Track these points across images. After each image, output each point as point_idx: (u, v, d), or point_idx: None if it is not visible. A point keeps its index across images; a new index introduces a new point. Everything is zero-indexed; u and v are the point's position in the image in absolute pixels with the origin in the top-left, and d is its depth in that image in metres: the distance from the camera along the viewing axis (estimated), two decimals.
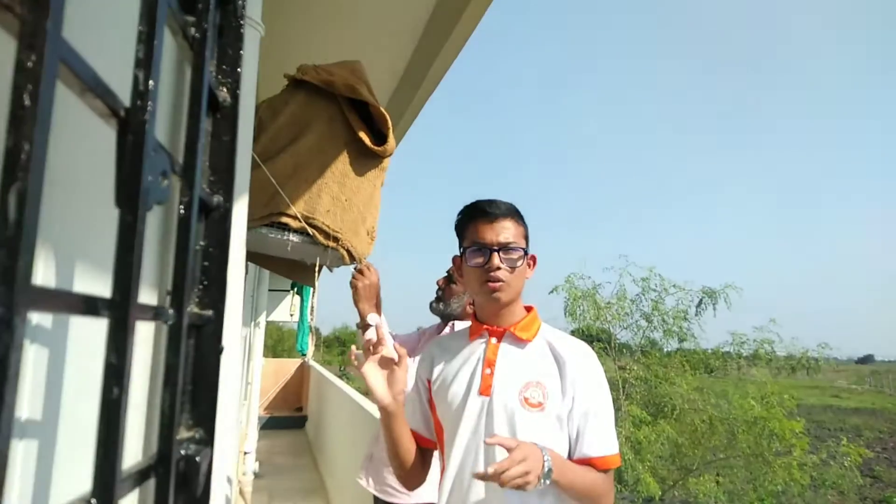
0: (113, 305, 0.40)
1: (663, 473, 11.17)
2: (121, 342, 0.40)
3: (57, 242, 0.49)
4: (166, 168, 0.45)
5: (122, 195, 0.40)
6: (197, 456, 0.58)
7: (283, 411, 10.54)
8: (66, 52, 0.31)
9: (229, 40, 0.68)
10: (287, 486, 6.28)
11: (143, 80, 0.42)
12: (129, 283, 0.40)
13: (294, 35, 2.88)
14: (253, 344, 6.55)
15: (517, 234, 1.55)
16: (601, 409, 1.47)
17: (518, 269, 1.53)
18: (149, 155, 0.41)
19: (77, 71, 0.33)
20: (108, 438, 0.39)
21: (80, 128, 0.50)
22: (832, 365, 16.06)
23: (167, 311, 0.51)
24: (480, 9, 2.41)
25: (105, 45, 0.52)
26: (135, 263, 0.40)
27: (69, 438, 0.52)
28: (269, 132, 1.98)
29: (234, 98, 0.67)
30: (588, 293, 12.64)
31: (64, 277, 0.51)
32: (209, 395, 0.62)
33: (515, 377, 1.50)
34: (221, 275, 0.64)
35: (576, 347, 1.54)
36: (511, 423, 1.45)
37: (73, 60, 0.32)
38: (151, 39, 0.42)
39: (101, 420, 0.39)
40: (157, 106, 0.43)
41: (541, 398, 1.45)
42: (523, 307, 1.61)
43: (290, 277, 2.67)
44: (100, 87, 0.37)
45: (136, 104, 0.41)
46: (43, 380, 0.48)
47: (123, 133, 0.41)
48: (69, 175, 0.50)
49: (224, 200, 0.65)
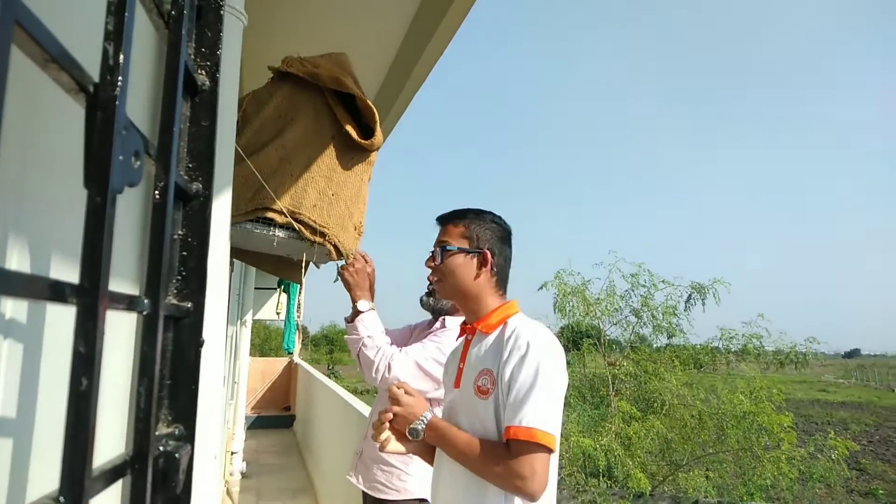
0: (81, 292, 0.37)
1: (653, 469, 11.23)
2: (90, 330, 0.37)
3: (31, 228, 0.46)
4: (139, 148, 0.43)
5: (91, 175, 0.38)
6: (176, 452, 0.56)
7: (270, 410, 10.48)
8: (23, 13, 0.29)
9: (208, 22, 0.66)
10: (275, 486, 6.24)
11: (114, 53, 0.39)
12: (99, 269, 0.38)
13: (279, 27, 2.85)
14: (239, 343, 6.51)
15: (453, 234, 1.68)
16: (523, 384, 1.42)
17: (451, 264, 1.65)
18: (119, 133, 0.39)
19: (36, 37, 0.31)
20: (76, 433, 0.37)
21: (54, 108, 0.48)
22: (820, 359, 16.17)
23: (142, 301, 0.49)
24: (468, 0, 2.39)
25: (74, 19, 0.49)
26: (104, 248, 0.38)
27: (43, 434, 0.50)
28: (254, 125, 1.95)
29: (214, 82, 0.65)
30: (577, 289, 12.65)
31: (40, 264, 0.48)
32: (189, 390, 0.60)
33: (475, 368, 1.57)
34: (201, 266, 0.62)
35: (516, 332, 1.51)
36: (469, 412, 1.54)
37: (31, 25, 0.30)
38: (122, 10, 0.40)
39: (69, 413, 0.37)
40: (129, 84, 0.41)
41: (489, 385, 1.50)
42: (500, 300, 1.67)
43: (276, 274, 2.64)
44: (65, 58, 0.34)
45: (106, 79, 0.39)
46: (16, 374, 0.46)
47: (92, 109, 0.39)
48: (44, 158, 0.48)
49: (203, 188, 0.63)
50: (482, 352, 1.58)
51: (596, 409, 12.27)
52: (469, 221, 1.68)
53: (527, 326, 1.53)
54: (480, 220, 1.68)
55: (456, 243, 1.65)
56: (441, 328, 2.31)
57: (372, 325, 2.20)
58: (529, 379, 1.42)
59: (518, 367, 1.44)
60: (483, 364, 1.55)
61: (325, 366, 38.69)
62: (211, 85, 0.64)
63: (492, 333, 1.59)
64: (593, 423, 11.51)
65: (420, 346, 2.22)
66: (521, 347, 1.46)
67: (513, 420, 1.40)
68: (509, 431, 1.39)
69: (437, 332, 2.29)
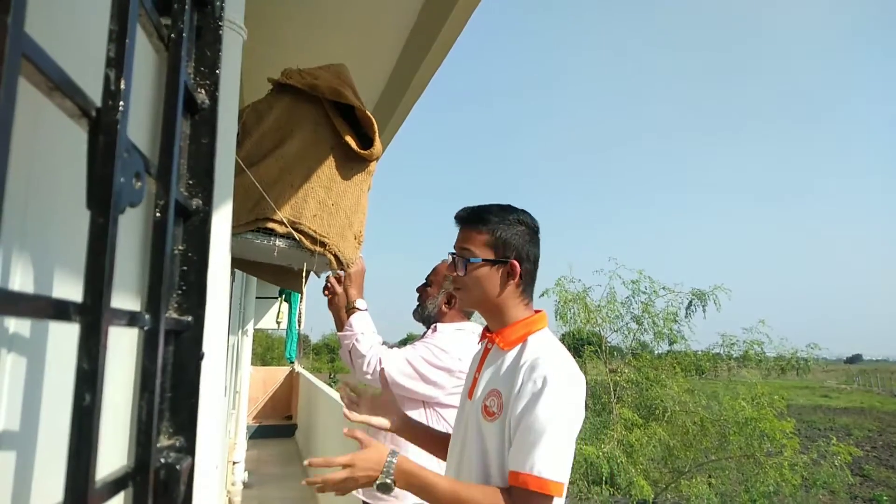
0: (84, 310, 0.39)
1: (655, 476, 11.19)
2: (93, 347, 0.39)
3: (34, 247, 0.48)
4: (140, 170, 0.44)
5: (94, 197, 0.39)
6: (177, 464, 0.57)
7: (272, 420, 10.47)
8: (29, 47, 0.30)
9: (207, 42, 0.67)
10: (277, 496, 6.23)
11: (115, 79, 0.41)
12: (102, 287, 0.39)
13: (278, 39, 2.87)
14: (241, 352, 6.51)
15: (476, 241, 1.53)
16: (536, 425, 1.30)
17: (475, 276, 1.51)
18: (121, 156, 0.41)
19: (42, 68, 0.32)
20: (80, 447, 0.38)
21: (56, 131, 0.49)
22: (821, 365, 16.15)
23: (143, 317, 0.50)
24: (466, 12, 2.41)
25: (75, 46, 0.51)
26: (107, 266, 0.39)
27: (45, 448, 0.51)
28: (254, 137, 1.97)
29: (213, 100, 0.66)
30: (578, 296, 12.64)
31: (42, 283, 0.50)
32: (189, 403, 0.61)
33: (486, 384, 1.51)
34: (201, 280, 0.63)
35: (533, 362, 1.39)
36: (475, 429, 1.48)
37: (37, 56, 0.31)
38: (123, 37, 0.41)
39: (73, 428, 0.38)
40: (131, 108, 0.42)
41: (495, 408, 1.42)
42: (525, 311, 1.55)
43: (277, 284, 2.66)
44: (68, 85, 0.36)
45: (108, 104, 0.40)
46: (20, 388, 0.47)
47: (95, 133, 0.40)
48: (46, 179, 0.49)
49: (203, 204, 0.64)
50: (496, 370, 1.49)
51: (598, 416, 12.23)
52: (494, 227, 1.52)
53: (547, 355, 1.40)
54: (506, 222, 1.52)
55: (480, 253, 1.51)
56: (432, 333, 2.34)
57: (366, 323, 2.24)
58: (544, 421, 1.30)
59: (532, 404, 1.32)
60: (494, 384, 1.46)
61: (327, 374, 38.62)
62: (210, 104, 0.65)
63: (509, 351, 1.49)
64: (595, 430, 11.48)
65: (411, 348, 2.26)
66: (538, 382, 1.33)
67: (522, 466, 1.29)
68: (517, 478, 1.29)
69: (429, 336, 2.32)
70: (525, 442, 1.30)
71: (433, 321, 2.42)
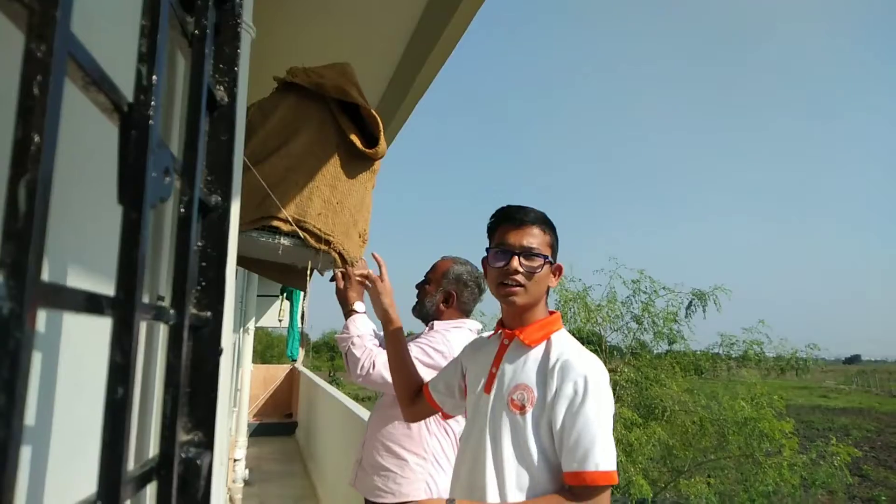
0: (117, 304, 0.39)
1: (655, 475, 11.20)
2: (126, 341, 0.39)
3: (60, 240, 0.48)
4: (169, 165, 0.45)
5: (126, 192, 0.39)
6: (197, 459, 0.57)
7: (272, 418, 10.47)
8: (73, 44, 0.30)
9: (226, 39, 0.67)
10: (278, 494, 6.24)
11: (147, 74, 0.41)
12: (134, 282, 0.39)
13: (284, 38, 2.87)
14: (242, 350, 6.52)
15: (542, 241, 1.58)
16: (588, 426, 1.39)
17: (537, 276, 1.55)
18: (153, 151, 0.41)
19: (83, 64, 0.32)
20: (113, 439, 0.38)
21: (81, 125, 0.49)
22: (820, 365, 16.15)
23: (169, 312, 0.50)
24: (471, 10, 2.41)
25: (106, 40, 0.51)
26: (139, 261, 0.39)
27: (62, 440, 0.51)
28: (259, 135, 1.97)
29: (232, 97, 0.66)
30: (579, 295, 12.65)
31: (65, 274, 0.50)
32: (208, 398, 0.61)
33: (510, 379, 1.55)
34: (220, 276, 0.63)
35: (567, 363, 1.47)
36: (497, 422, 1.52)
37: (79, 53, 0.32)
38: (155, 33, 0.42)
39: (106, 421, 0.38)
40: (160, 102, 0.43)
41: (524, 402, 1.48)
42: (545, 312, 1.63)
43: (281, 282, 2.66)
44: (104, 81, 0.36)
45: (140, 99, 0.41)
46: (37, 381, 0.48)
47: (126, 128, 0.40)
48: (72, 172, 0.50)
49: (223, 200, 0.64)
50: (520, 366, 1.55)
51: None
52: (552, 229, 1.62)
53: (576, 354, 1.50)
54: (553, 227, 1.63)
55: (545, 252, 1.58)
56: (428, 331, 2.34)
57: (363, 326, 2.24)
58: (594, 419, 1.39)
59: (580, 405, 1.41)
60: (520, 379, 1.52)
61: (327, 372, 38.62)
62: (229, 100, 0.65)
63: (534, 348, 1.56)
64: None
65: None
66: (579, 382, 1.43)
67: (585, 464, 1.37)
68: (579, 477, 1.37)
69: (425, 334, 2.33)
70: (581, 442, 1.38)
71: (431, 319, 2.43)
